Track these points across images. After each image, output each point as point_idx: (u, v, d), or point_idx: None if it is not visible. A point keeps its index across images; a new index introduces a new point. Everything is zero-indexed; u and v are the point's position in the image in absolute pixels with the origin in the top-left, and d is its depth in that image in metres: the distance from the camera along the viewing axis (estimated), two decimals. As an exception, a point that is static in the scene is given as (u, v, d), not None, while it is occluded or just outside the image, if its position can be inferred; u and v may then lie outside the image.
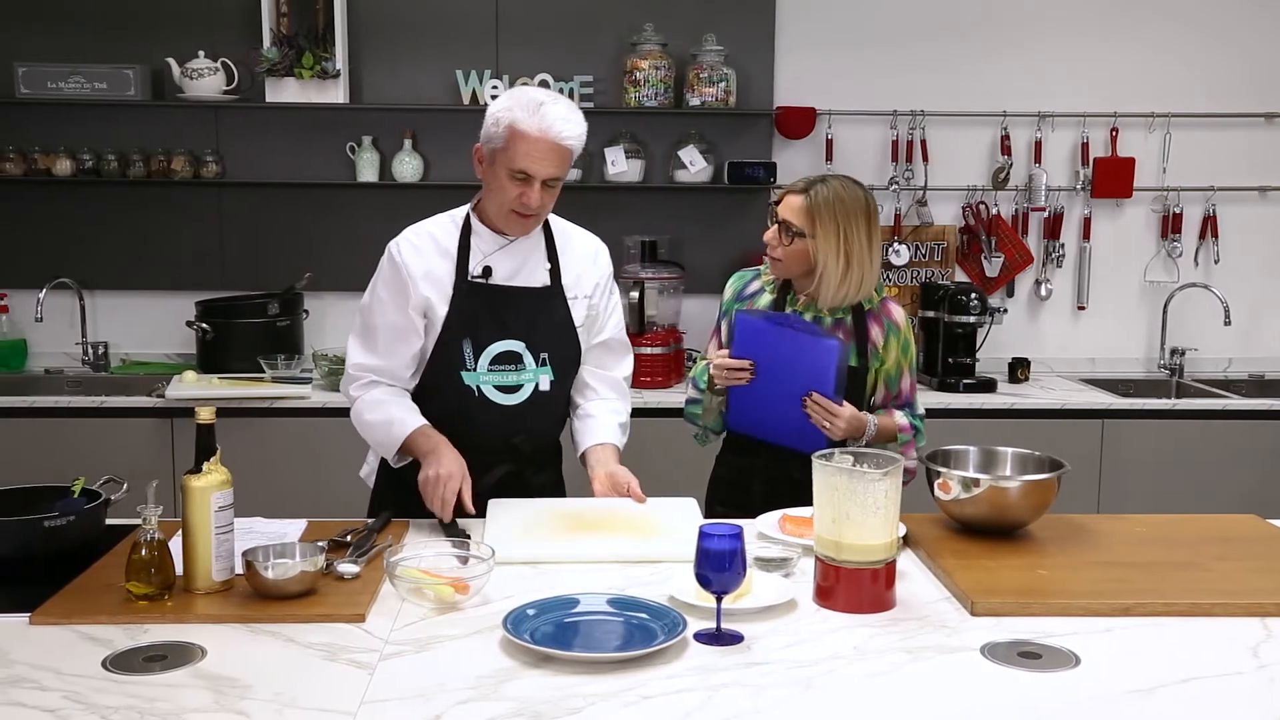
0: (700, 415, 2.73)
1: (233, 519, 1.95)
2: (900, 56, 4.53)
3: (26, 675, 1.63)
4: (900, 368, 2.67)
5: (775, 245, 2.60)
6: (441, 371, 2.46)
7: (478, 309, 2.44)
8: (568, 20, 4.41)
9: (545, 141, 2.32)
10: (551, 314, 2.50)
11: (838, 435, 2.52)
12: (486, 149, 2.39)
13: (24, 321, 4.39)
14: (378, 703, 1.57)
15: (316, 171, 4.43)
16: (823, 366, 2.51)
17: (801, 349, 2.52)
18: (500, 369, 2.46)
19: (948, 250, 4.66)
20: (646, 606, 1.86)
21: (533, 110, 2.32)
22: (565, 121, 2.34)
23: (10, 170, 4.28)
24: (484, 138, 2.39)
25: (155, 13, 4.33)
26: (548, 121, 2.32)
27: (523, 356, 2.47)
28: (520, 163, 2.33)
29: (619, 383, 2.67)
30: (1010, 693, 1.63)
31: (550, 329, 2.50)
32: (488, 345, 2.45)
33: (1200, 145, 4.61)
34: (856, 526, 1.88)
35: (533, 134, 2.31)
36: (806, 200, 2.55)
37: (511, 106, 2.34)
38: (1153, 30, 4.57)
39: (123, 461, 3.10)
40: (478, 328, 2.44)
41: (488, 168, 2.41)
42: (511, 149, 2.33)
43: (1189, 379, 4.58)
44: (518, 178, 2.35)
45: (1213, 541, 2.28)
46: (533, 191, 2.35)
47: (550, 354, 2.50)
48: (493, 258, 2.46)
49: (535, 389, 2.49)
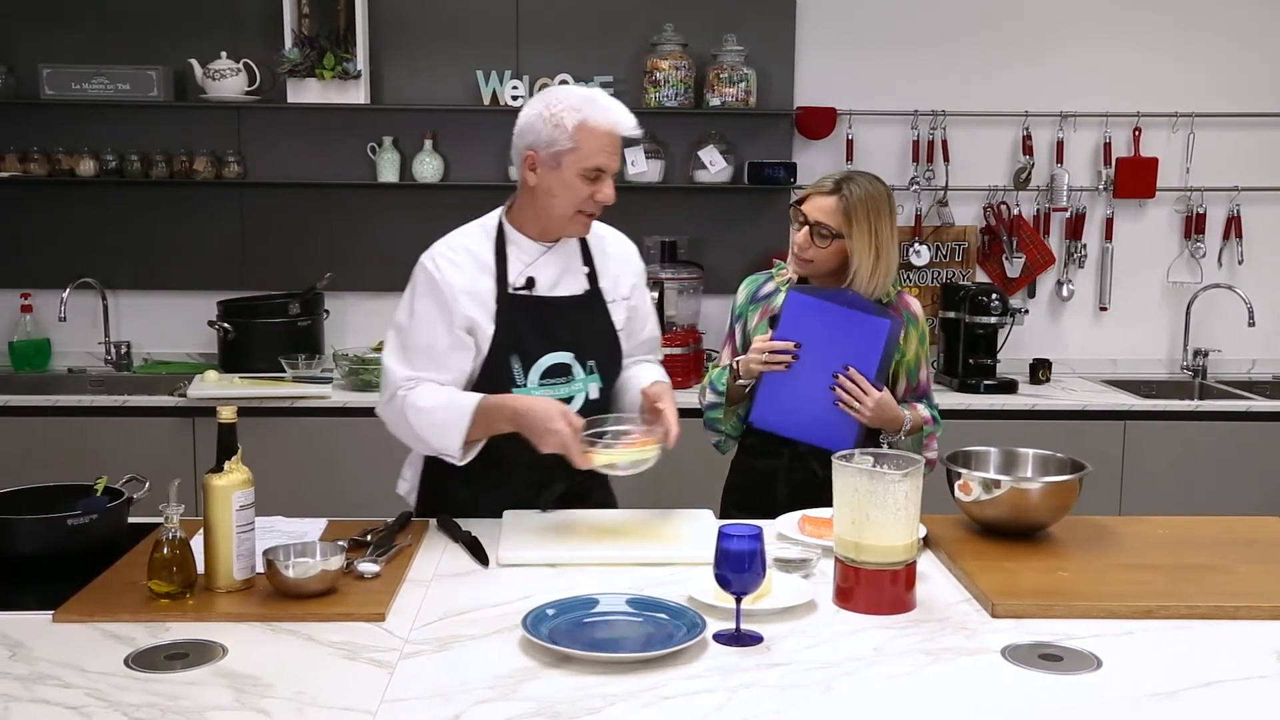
0: (720, 420, 2.72)
1: (254, 518, 1.96)
2: (921, 56, 4.52)
3: (49, 673, 1.64)
4: (919, 359, 2.69)
5: (806, 247, 2.58)
6: (491, 389, 2.35)
7: (523, 322, 2.38)
8: (588, 21, 4.41)
9: (615, 134, 2.32)
10: (594, 320, 2.45)
11: (865, 417, 2.52)
12: (546, 153, 2.30)
13: (48, 321, 4.42)
14: (397, 702, 1.57)
15: (337, 172, 4.44)
16: (870, 346, 2.52)
17: (852, 327, 2.52)
18: (551, 382, 2.39)
19: (969, 251, 4.64)
20: (666, 607, 1.86)
21: (596, 105, 2.30)
22: (626, 112, 2.34)
23: (35, 171, 4.31)
24: (542, 142, 2.30)
25: (178, 14, 4.36)
26: (614, 115, 2.31)
27: (571, 367, 2.41)
28: (596, 159, 2.29)
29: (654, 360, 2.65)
30: (1031, 695, 1.62)
31: (594, 336, 2.45)
32: (537, 359, 2.38)
33: (1224, 145, 4.58)
34: (876, 528, 1.88)
35: (604, 128, 2.29)
36: (840, 201, 2.55)
37: (577, 106, 2.29)
38: (1176, 30, 4.54)
39: (145, 460, 3.11)
40: (525, 342, 2.38)
41: (547, 172, 2.32)
42: (584, 147, 2.28)
43: (1212, 380, 4.55)
44: (590, 176, 2.30)
45: (1236, 544, 2.26)
46: (608, 187, 2.33)
47: (597, 361, 2.44)
48: (534, 267, 2.41)
49: (586, 399, 2.42)
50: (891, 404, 2.56)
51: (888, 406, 2.55)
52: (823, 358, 2.53)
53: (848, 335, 2.52)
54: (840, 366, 2.53)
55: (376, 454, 3.92)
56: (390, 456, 3.90)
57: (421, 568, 2.12)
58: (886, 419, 2.56)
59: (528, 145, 2.34)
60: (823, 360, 2.53)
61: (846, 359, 2.52)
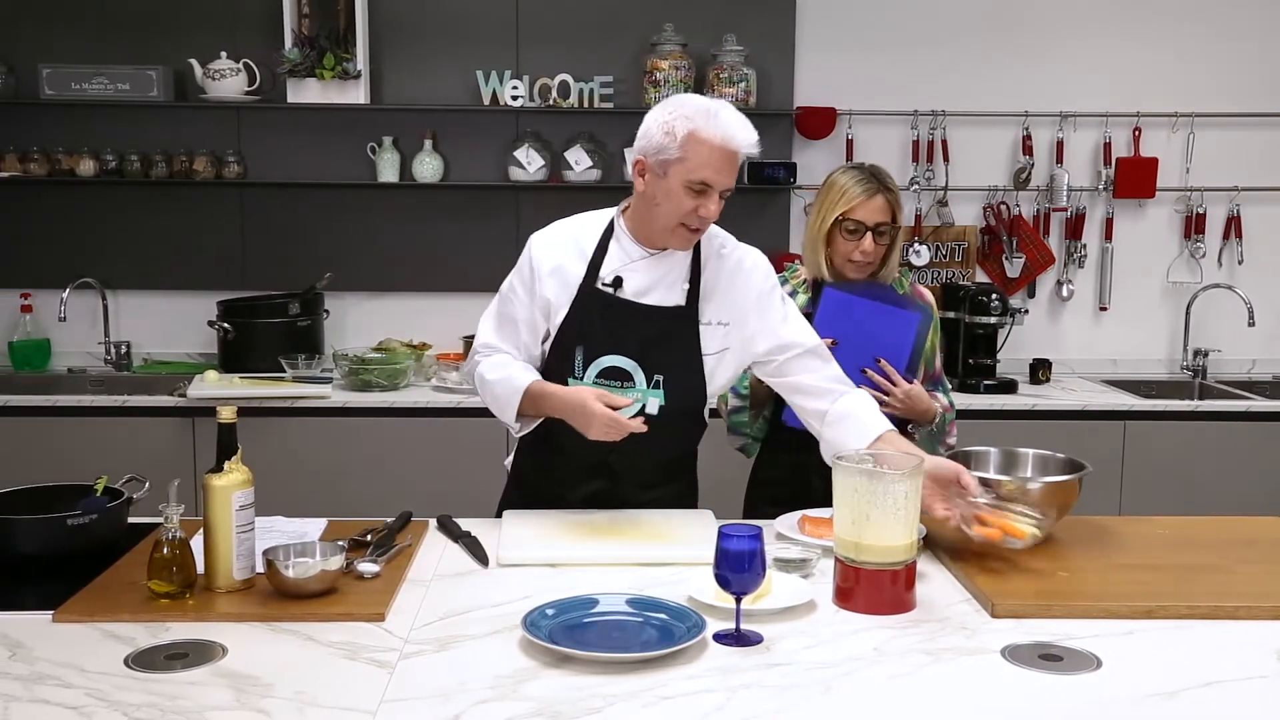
0: (746, 424, 2.73)
1: (254, 518, 1.96)
2: (921, 56, 4.52)
3: (49, 672, 1.64)
4: (934, 348, 2.77)
5: (872, 249, 2.66)
6: (553, 373, 2.37)
7: (595, 317, 2.35)
8: (588, 21, 4.41)
9: (727, 150, 2.22)
10: (676, 337, 2.37)
11: (896, 409, 2.55)
12: (655, 160, 2.25)
13: (47, 321, 4.42)
14: (397, 702, 1.57)
15: (337, 172, 4.44)
16: (902, 338, 2.60)
17: (885, 321, 2.60)
18: (606, 384, 2.34)
19: (968, 251, 4.64)
20: (666, 607, 1.86)
21: (712, 117, 2.21)
22: (745, 129, 2.24)
23: (34, 171, 4.31)
24: (652, 149, 2.25)
25: (178, 14, 4.36)
26: (730, 129, 2.22)
27: (633, 375, 2.34)
28: (701, 173, 2.21)
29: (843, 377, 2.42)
30: (1031, 695, 1.62)
31: (670, 352, 2.36)
32: (598, 356, 2.35)
33: (1224, 145, 4.58)
34: (876, 527, 1.88)
35: (715, 141, 2.20)
36: (887, 196, 2.67)
37: (690, 115, 2.21)
38: (1176, 30, 4.54)
39: (145, 460, 3.11)
40: (591, 336, 2.35)
41: (654, 180, 2.26)
42: (692, 158, 2.21)
43: (1212, 380, 4.55)
44: (695, 189, 2.23)
45: (1236, 544, 2.26)
46: (711, 203, 2.25)
47: (666, 378, 2.35)
48: (628, 269, 2.36)
49: (641, 410, 2.34)
50: (922, 395, 2.64)
51: (919, 398, 2.62)
52: (857, 352, 2.60)
53: (881, 329, 2.60)
54: (872, 360, 2.59)
55: (376, 454, 3.95)
56: (390, 457, 3.93)
57: (421, 568, 2.12)
58: (918, 410, 2.62)
59: (640, 150, 2.29)
60: (857, 355, 2.60)
61: (880, 352, 2.62)
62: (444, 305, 4.46)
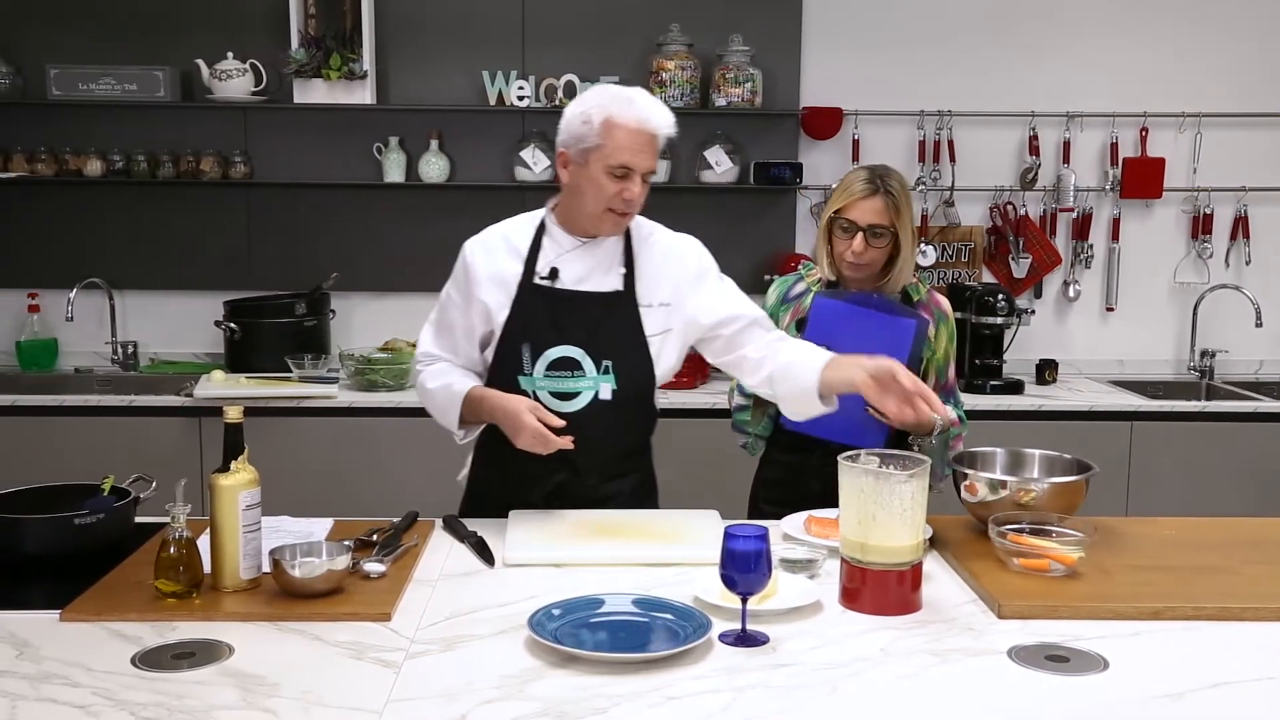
0: (750, 422, 2.72)
1: (260, 518, 1.96)
2: (927, 56, 4.52)
3: (57, 671, 1.65)
4: (948, 356, 2.71)
5: (864, 251, 2.58)
6: (502, 375, 2.42)
7: (538, 312, 2.40)
8: (594, 21, 4.41)
9: (644, 133, 2.31)
10: (618, 321, 2.42)
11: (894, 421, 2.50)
12: (576, 150, 2.33)
13: (55, 321, 4.43)
14: (403, 701, 1.57)
15: (343, 172, 4.45)
16: (899, 346, 2.51)
17: (879, 329, 2.52)
18: (556, 375, 2.39)
19: (975, 251, 4.63)
20: (671, 607, 1.86)
21: (627, 103, 2.31)
22: (659, 111, 2.33)
23: (42, 171, 4.32)
24: (572, 139, 2.33)
25: (184, 15, 4.36)
26: (645, 112, 2.31)
27: (581, 363, 2.40)
28: (621, 157, 2.30)
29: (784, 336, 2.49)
30: (1037, 696, 1.62)
31: (615, 336, 2.41)
32: (545, 350, 2.39)
33: (1231, 145, 4.57)
34: (882, 528, 1.88)
35: (631, 125, 2.29)
36: (885, 198, 2.58)
37: (606, 103, 2.31)
38: (1183, 30, 4.53)
39: (151, 460, 3.12)
40: (536, 332, 2.40)
41: (577, 169, 2.35)
42: (609, 144, 2.29)
43: (1219, 381, 4.54)
44: (617, 174, 2.31)
45: (1244, 545, 2.26)
46: (634, 186, 2.33)
47: (615, 363, 2.40)
48: (563, 259, 2.42)
49: (594, 397, 2.40)
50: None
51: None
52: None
53: (876, 338, 2.52)
54: None
55: (382, 454, 3.95)
56: (396, 457, 3.93)
57: (427, 568, 2.12)
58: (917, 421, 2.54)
59: (562, 142, 2.37)
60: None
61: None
62: (450, 305, 4.47)
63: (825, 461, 2.60)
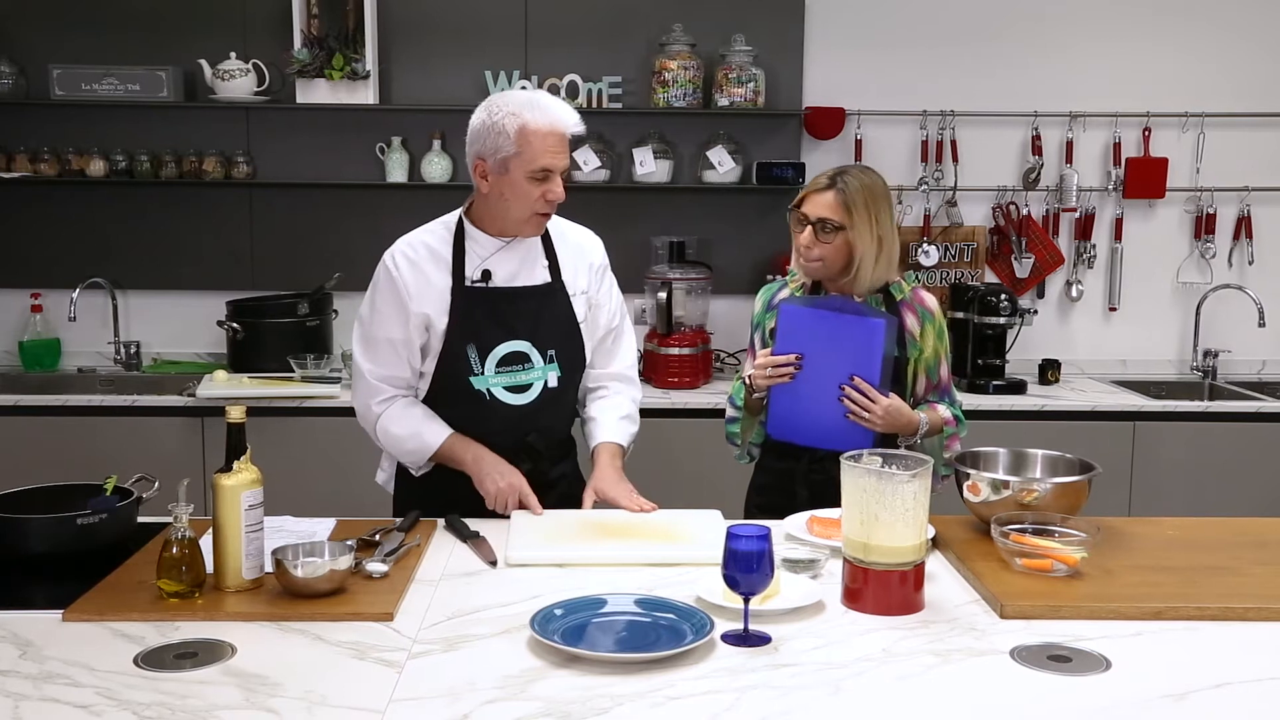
0: (738, 434, 2.71)
1: (263, 517, 1.96)
2: (930, 56, 4.51)
3: (59, 671, 1.65)
4: (938, 355, 2.66)
5: (812, 246, 2.56)
6: (450, 378, 2.48)
7: (479, 314, 2.46)
8: (597, 21, 4.41)
9: (557, 134, 2.37)
10: (555, 311, 2.52)
11: (876, 426, 2.50)
12: (493, 160, 2.39)
13: (58, 321, 4.44)
14: (406, 701, 1.57)
15: (346, 172, 4.45)
16: (869, 347, 2.48)
17: (848, 331, 2.50)
18: (508, 370, 2.48)
19: (977, 251, 4.63)
20: (674, 607, 1.86)
21: (535, 108, 2.37)
22: (567, 110, 2.40)
23: (45, 171, 4.32)
24: (488, 150, 2.39)
25: (187, 15, 4.36)
26: (555, 114, 2.37)
27: (530, 355, 2.49)
28: (540, 161, 2.36)
29: (619, 374, 2.69)
30: (1040, 696, 1.62)
31: (554, 325, 2.52)
32: (493, 348, 2.47)
33: (1234, 145, 4.57)
34: (885, 528, 1.88)
35: (545, 129, 2.35)
36: (837, 194, 2.54)
37: (516, 110, 2.37)
38: (1186, 30, 4.53)
39: (154, 460, 3.12)
40: (481, 332, 2.46)
41: (498, 178, 2.41)
42: (527, 150, 2.35)
43: (1222, 381, 4.54)
44: (538, 177, 2.37)
45: (1247, 545, 2.26)
46: (557, 186, 2.39)
47: (557, 351, 2.52)
48: (490, 261, 2.49)
49: (544, 386, 2.51)
50: (902, 409, 2.53)
51: (898, 412, 2.52)
52: (825, 366, 2.52)
53: (845, 340, 2.50)
54: (844, 372, 2.50)
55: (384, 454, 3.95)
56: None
57: (429, 568, 2.12)
58: (899, 425, 2.53)
59: (476, 153, 2.43)
60: (826, 368, 2.52)
61: (848, 363, 2.50)
62: (452, 305, 4.46)
63: (812, 469, 2.62)
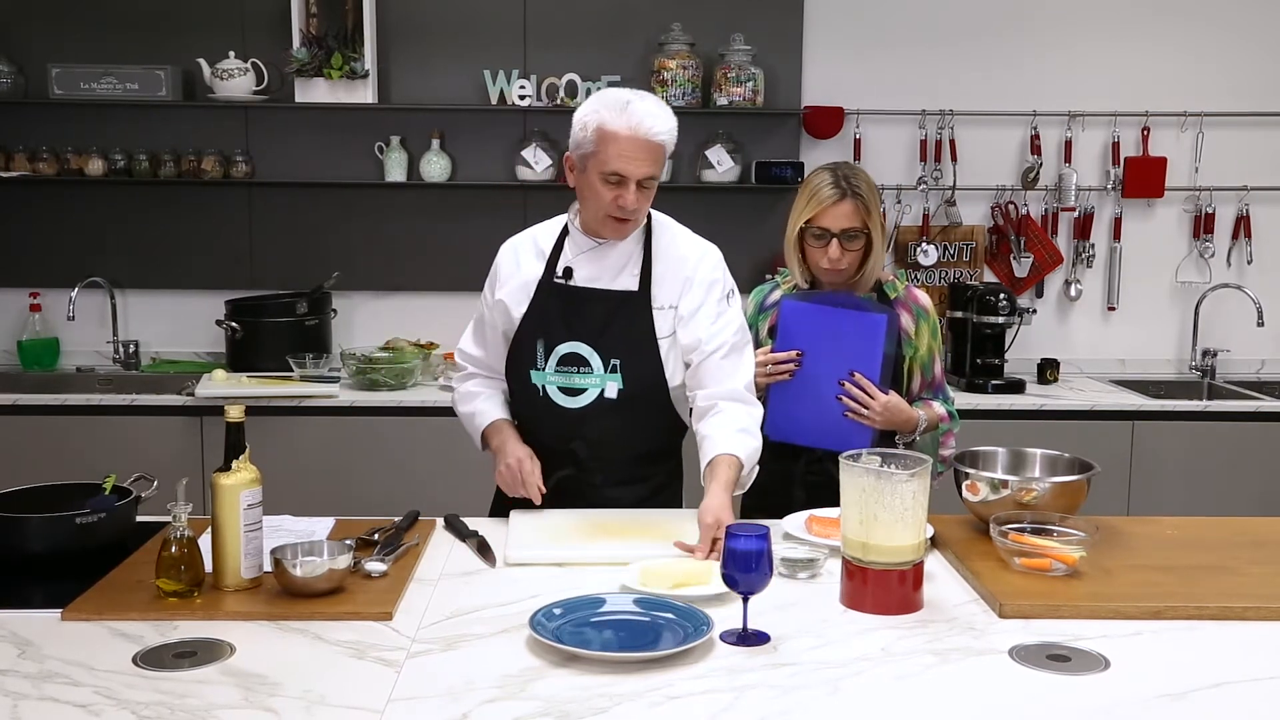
0: None
1: (261, 517, 1.96)
2: (929, 56, 4.51)
3: (58, 670, 1.65)
4: (932, 352, 2.68)
5: (841, 257, 2.56)
6: (517, 369, 2.48)
7: (552, 309, 2.43)
8: (595, 20, 4.41)
9: (636, 140, 2.27)
10: (630, 321, 2.41)
11: (875, 423, 2.50)
12: (577, 156, 2.35)
13: (56, 320, 4.44)
14: (405, 700, 1.57)
15: (345, 171, 4.45)
16: (871, 342, 2.49)
17: (851, 326, 2.51)
18: (566, 370, 2.42)
19: (976, 250, 4.63)
20: (672, 606, 1.86)
21: (620, 109, 2.28)
22: (654, 117, 2.29)
23: (43, 170, 4.32)
24: (573, 145, 2.35)
25: (186, 14, 4.36)
26: (636, 119, 2.28)
27: (589, 360, 2.41)
28: (613, 164, 2.28)
29: (732, 392, 2.42)
30: (1038, 696, 1.62)
31: (625, 336, 2.41)
32: (556, 345, 2.42)
33: (1233, 145, 4.57)
34: (884, 528, 1.88)
35: (623, 133, 2.27)
36: (854, 201, 2.55)
37: (598, 109, 2.30)
38: (1185, 29, 4.53)
39: (153, 459, 3.13)
40: (549, 328, 2.43)
41: (580, 175, 2.36)
42: (603, 152, 2.28)
43: (1221, 380, 4.54)
44: (611, 181, 2.30)
45: (1245, 545, 2.26)
46: (628, 193, 2.30)
47: (622, 362, 2.40)
48: (579, 259, 2.44)
49: (600, 395, 2.41)
50: (901, 406, 2.54)
51: (897, 409, 2.53)
52: (826, 362, 2.52)
53: (847, 335, 2.51)
54: (844, 368, 2.51)
55: (383, 453, 3.95)
56: (398, 456, 3.93)
57: (428, 567, 2.12)
58: (898, 421, 2.54)
59: (570, 147, 2.39)
60: (826, 365, 2.52)
61: (849, 359, 2.51)
62: (451, 305, 4.45)
63: (809, 469, 2.62)
